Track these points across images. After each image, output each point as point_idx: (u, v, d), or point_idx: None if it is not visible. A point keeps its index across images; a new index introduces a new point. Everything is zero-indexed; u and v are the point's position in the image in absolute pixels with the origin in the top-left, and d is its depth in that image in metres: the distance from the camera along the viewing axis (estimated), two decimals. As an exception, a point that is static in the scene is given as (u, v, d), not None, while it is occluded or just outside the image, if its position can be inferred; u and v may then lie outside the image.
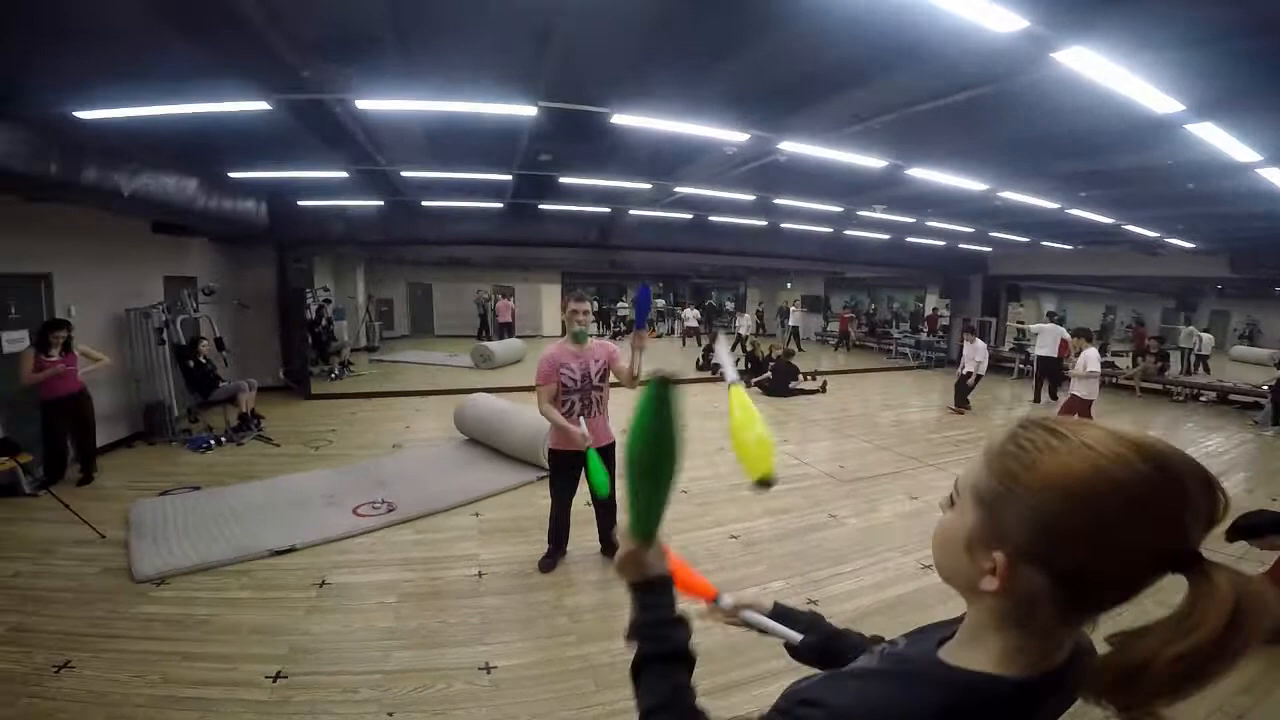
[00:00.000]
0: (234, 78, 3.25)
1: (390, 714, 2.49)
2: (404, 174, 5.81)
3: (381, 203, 7.68)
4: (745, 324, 15.40)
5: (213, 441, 6.79)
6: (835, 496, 5.25)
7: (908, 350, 15.19)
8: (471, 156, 5.33)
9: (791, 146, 4.78)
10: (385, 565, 3.87)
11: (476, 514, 4.71)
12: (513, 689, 2.68)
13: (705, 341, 13.21)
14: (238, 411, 7.18)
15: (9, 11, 2.65)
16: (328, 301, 12.29)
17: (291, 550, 4.04)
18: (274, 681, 2.68)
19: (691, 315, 17.55)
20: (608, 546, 3.84)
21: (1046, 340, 9.56)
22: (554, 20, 2.75)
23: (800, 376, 10.62)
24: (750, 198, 7.44)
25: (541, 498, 4.26)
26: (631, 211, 8.47)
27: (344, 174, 5.76)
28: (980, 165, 5.57)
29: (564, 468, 3.65)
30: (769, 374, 10.38)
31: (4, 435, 5.13)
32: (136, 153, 4.56)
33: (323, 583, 3.62)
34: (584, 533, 3.92)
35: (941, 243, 11.56)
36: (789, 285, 19.89)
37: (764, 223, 9.61)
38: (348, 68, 3.14)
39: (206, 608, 3.30)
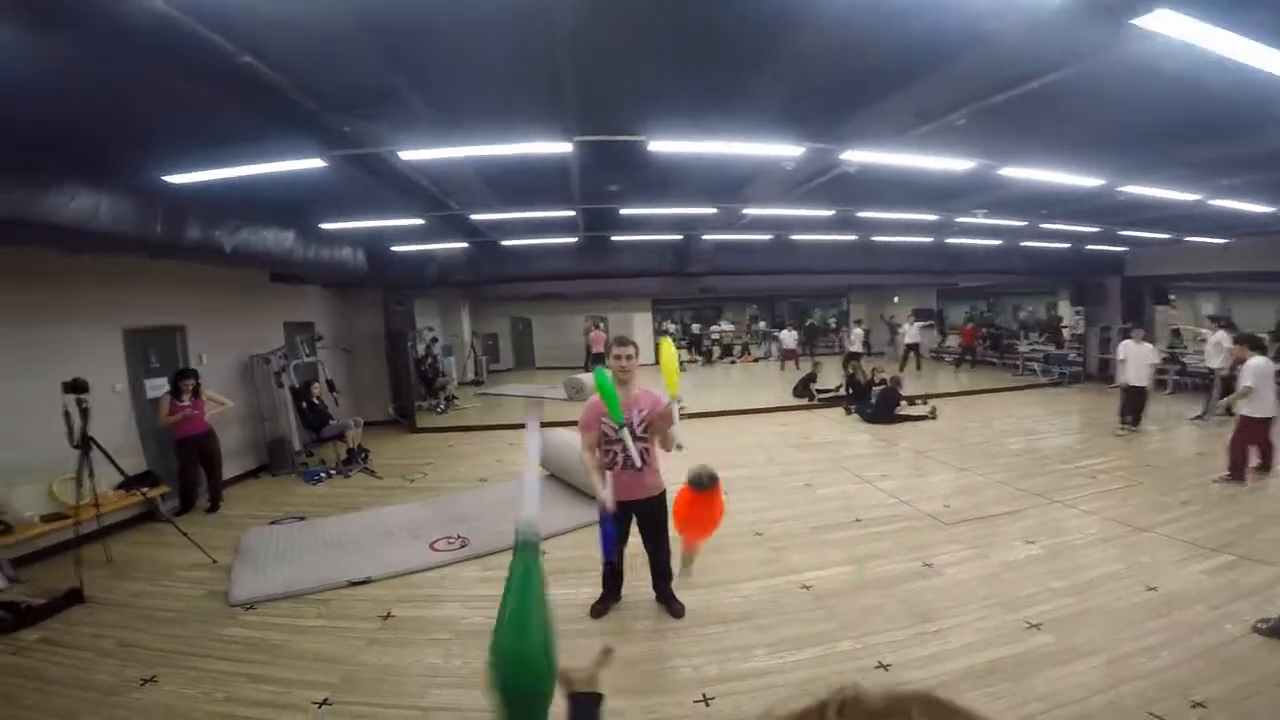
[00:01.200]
0: (288, 139, 3.55)
1: None
2: (473, 217, 6.08)
3: (466, 245, 8.10)
4: (856, 339, 14.31)
5: (324, 474, 7.37)
6: (935, 541, 4.65)
7: (1036, 366, 13.57)
8: (531, 195, 5.48)
9: (856, 156, 4.43)
10: (448, 601, 3.92)
11: (543, 553, 4.65)
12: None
13: (808, 368, 12.56)
14: (346, 447, 7.77)
15: (109, 97, 3.04)
16: (434, 340, 13.12)
17: (368, 582, 4.21)
18: (319, 707, 2.78)
19: (790, 337, 16.89)
20: (661, 594, 3.67)
21: (1218, 348, 7.95)
22: (554, 57, 2.73)
23: (905, 401, 9.77)
24: (828, 213, 7.03)
25: (603, 540, 4.15)
26: (705, 236, 8.31)
27: (420, 220, 6.12)
28: (1088, 159, 4.87)
29: (613, 517, 3.46)
30: (873, 400, 9.64)
31: (147, 469, 5.88)
32: (234, 211, 5.11)
33: (388, 615, 3.72)
34: (643, 577, 3.74)
35: (1064, 245, 10.31)
36: (895, 299, 18.63)
37: (853, 237, 9.06)
38: (379, 123, 3.32)
39: (282, 633, 3.51)
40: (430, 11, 2.51)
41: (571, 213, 6.19)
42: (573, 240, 8.11)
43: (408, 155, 3.83)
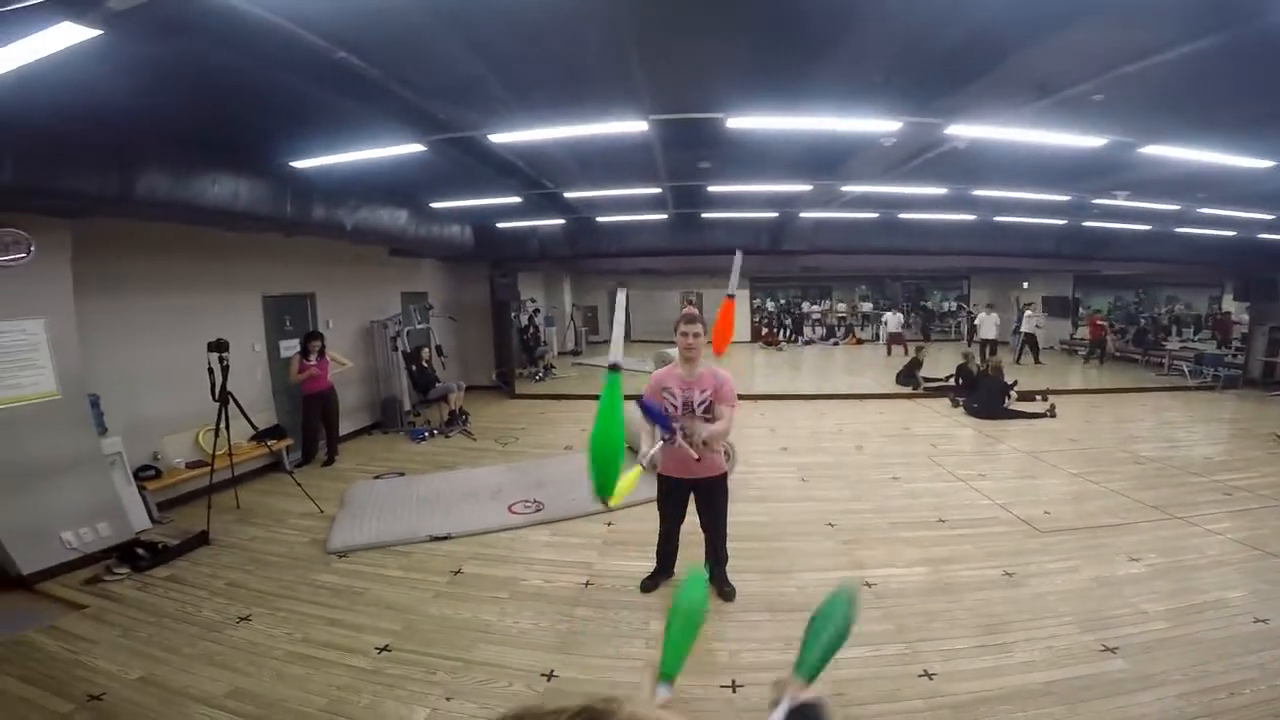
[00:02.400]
0: (391, 126, 3.85)
1: (449, 699, 2.71)
2: (566, 195, 6.26)
3: (563, 221, 8.37)
4: (990, 326, 12.94)
5: (427, 434, 8.04)
6: (1023, 549, 4.29)
7: (1185, 366, 11.89)
8: (618, 173, 5.54)
9: (965, 131, 4.06)
10: (514, 563, 4.17)
11: (609, 523, 4.84)
12: (559, 700, 2.69)
13: (913, 352, 11.82)
14: (448, 409, 8.40)
15: (238, 95, 3.46)
16: (537, 311, 13.73)
17: (447, 538, 4.58)
18: (379, 653, 3.08)
19: (895, 320, 15.94)
20: (713, 575, 3.68)
21: None
22: (620, 29, 2.72)
23: (1013, 395, 8.93)
24: (940, 191, 6.50)
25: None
26: (803, 214, 7.98)
27: (519, 199, 6.40)
28: (1255, 137, 4.14)
29: (671, 493, 3.56)
30: (976, 393, 8.95)
31: (276, 423, 6.71)
32: (353, 192, 5.64)
33: (458, 571, 4.04)
34: (696, 556, 3.78)
35: (1229, 232, 8.84)
36: (1025, 285, 16.90)
37: (971, 217, 8.32)
38: (467, 109, 3.50)
39: (365, 581, 3.91)
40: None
41: (658, 190, 6.20)
42: (663, 217, 8.11)
43: (497, 138, 4.01)
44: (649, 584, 3.75)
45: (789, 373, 13.75)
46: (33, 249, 4.06)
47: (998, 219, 8.44)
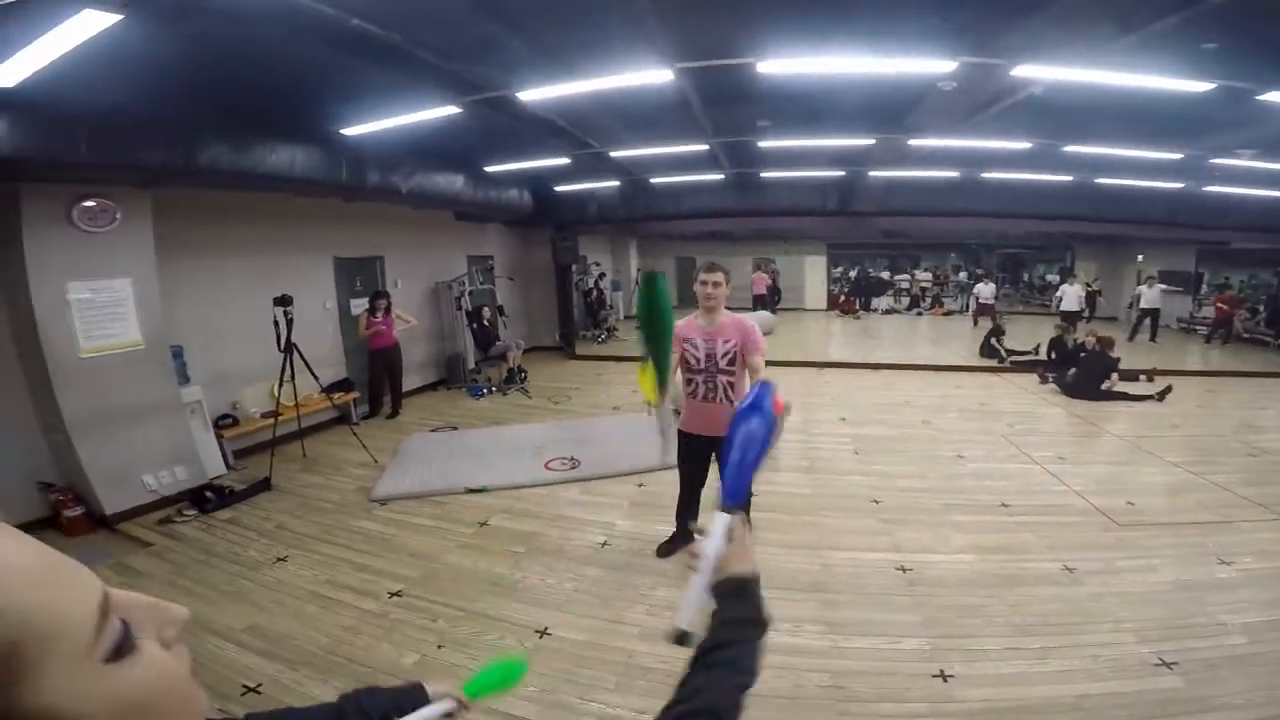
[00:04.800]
0: (423, 89, 3.87)
1: (440, 646, 2.79)
2: (613, 154, 6.13)
3: (619, 183, 8.24)
4: (1072, 297, 11.85)
5: (486, 390, 8.33)
6: (1094, 542, 3.85)
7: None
8: (661, 130, 5.35)
9: (1035, 73, 3.56)
10: (538, 517, 4.24)
11: (640, 484, 4.82)
12: (547, 658, 2.73)
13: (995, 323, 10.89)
14: (507, 367, 8.65)
15: (278, 67, 3.57)
16: (603, 275, 13.78)
17: (483, 490, 4.72)
18: (390, 598, 3.23)
19: (987, 290, 14.74)
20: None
21: None
22: None
23: (1115, 375, 8.01)
24: (1024, 146, 5.83)
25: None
26: (872, 173, 7.41)
27: (567, 160, 6.34)
28: None
29: (691, 450, 3.42)
30: (1074, 368, 8.08)
31: (345, 377, 7.14)
32: (406, 157, 5.78)
33: (484, 523, 4.16)
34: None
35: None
36: (1139, 257, 15.06)
37: (1066, 178, 7.43)
38: (491, 67, 3.44)
39: (396, 529, 4.11)
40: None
41: (706, 147, 5.93)
42: (719, 177, 7.79)
43: (526, 96, 3.95)
44: (666, 549, 3.69)
45: (863, 341, 13.09)
46: (118, 216, 4.45)
47: (1098, 180, 7.48)
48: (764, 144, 5.88)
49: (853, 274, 18.81)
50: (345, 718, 0.89)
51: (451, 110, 4.14)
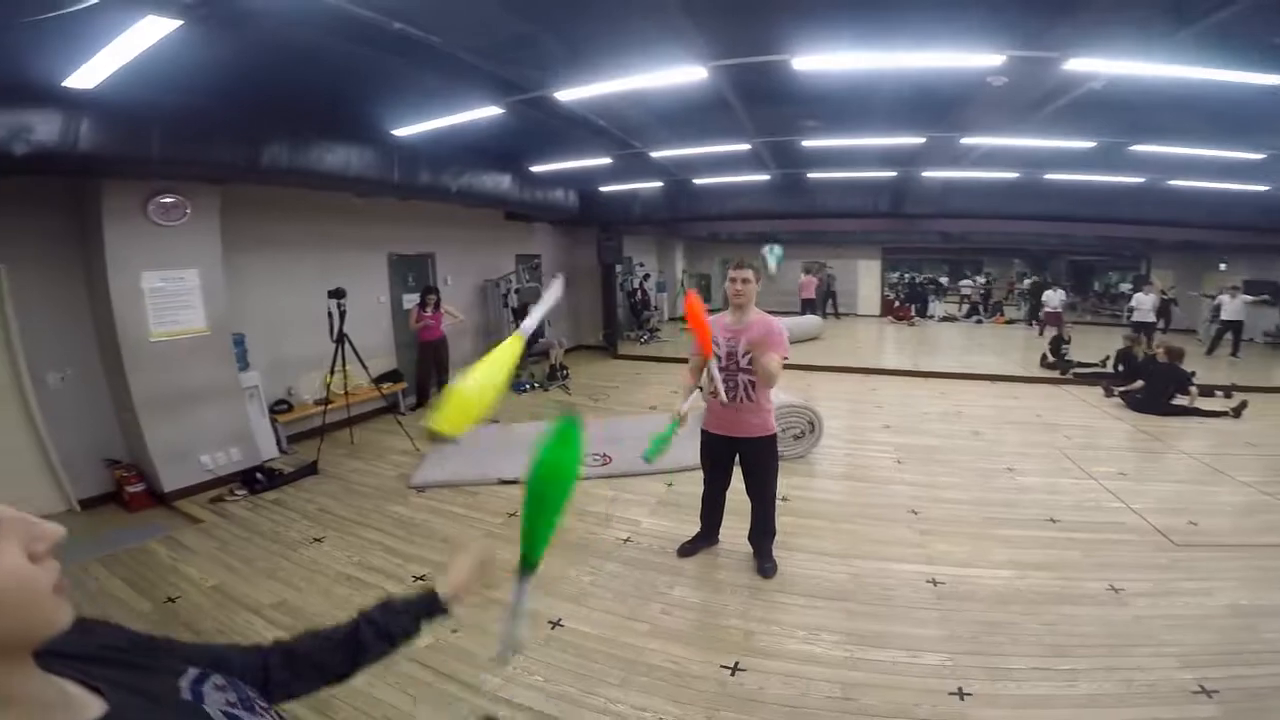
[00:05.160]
0: (466, 90, 4.00)
1: (454, 631, 2.87)
2: (653, 154, 6.15)
3: (662, 184, 8.26)
4: (1147, 307, 10.81)
5: (528, 386, 8.50)
6: (1147, 563, 3.62)
7: None
8: (701, 129, 5.33)
9: (1089, 67, 3.37)
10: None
11: (670, 483, 4.82)
12: (556, 650, 2.77)
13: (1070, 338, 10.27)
14: (549, 364, 8.80)
15: (333, 71, 3.76)
16: (647, 276, 13.83)
17: (515, 482, 4.82)
18: (414, 581, 3.35)
19: (1055, 298, 13.95)
20: (756, 548, 3.52)
21: None
22: None
23: (1193, 390, 7.44)
24: (1088, 145, 5.52)
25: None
26: (926, 174, 7.16)
27: (608, 160, 6.41)
28: None
29: (711, 450, 3.41)
30: (1140, 381, 7.58)
31: (395, 368, 7.43)
32: (455, 157, 5.98)
33: (513, 514, 4.24)
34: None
35: None
36: (1221, 265, 13.93)
37: (1136, 179, 6.99)
38: (529, 67, 3.52)
39: (429, 515, 4.25)
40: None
41: (747, 146, 5.88)
42: (764, 178, 7.70)
43: (563, 96, 4.02)
44: (688, 548, 3.68)
45: (916, 349, 12.65)
46: (189, 211, 4.78)
47: (1171, 182, 7.00)
48: (808, 143, 5.78)
49: (915, 279, 18.19)
50: (360, 633, 0.99)
51: (494, 111, 4.26)
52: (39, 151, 3.29)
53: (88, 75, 2.98)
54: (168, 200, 4.63)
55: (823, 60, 3.38)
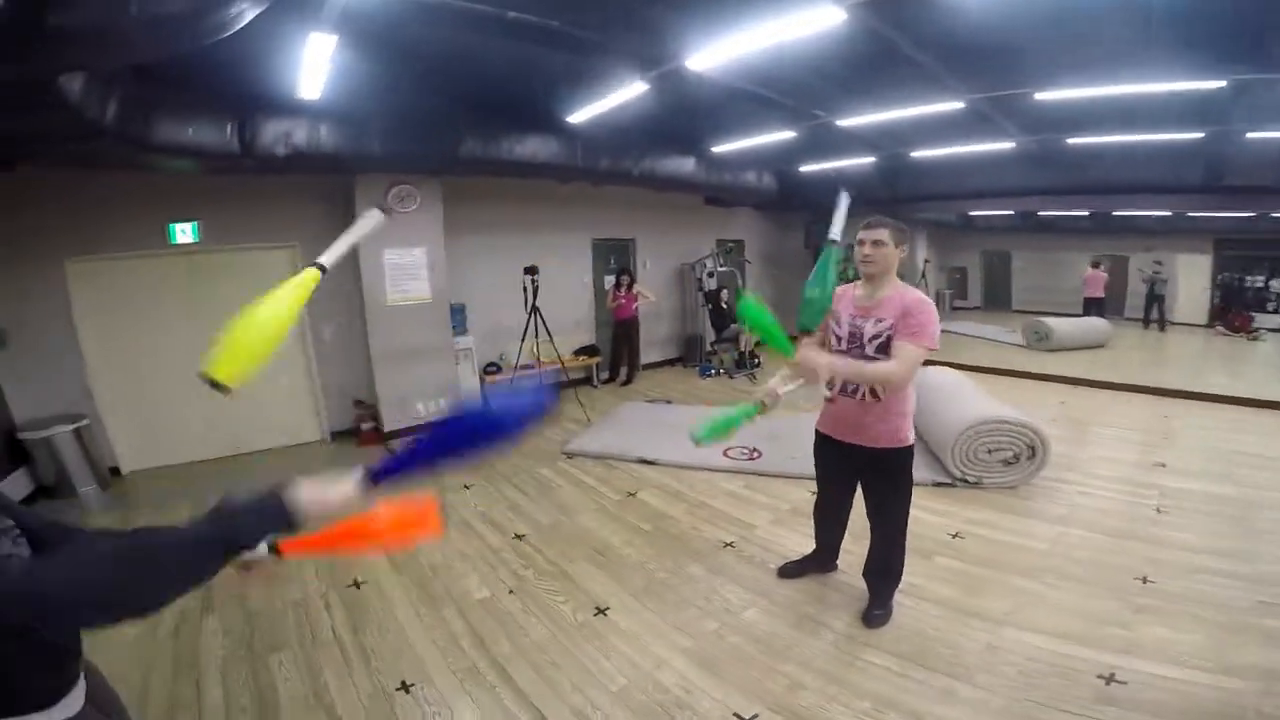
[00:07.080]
0: (611, 71, 4.03)
1: (511, 592, 2.99)
2: (839, 123, 5.42)
3: (873, 159, 7.28)
4: None
5: (714, 371, 8.46)
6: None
7: None
8: (884, 88, 4.53)
9: None
10: (682, 501, 4.16)
11: (813, 491, 4.32)
12: (594, 639, 2.70)
13: None
14: (738, 350, 8.60)
15: (504, 64, 4.14)
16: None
17: (653, 463, 4.85)
18: (513, 539, 3.59)
19: None
20: (870, 587, 2.87)
21: None
22: None
23: None
24: None
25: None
26: (1251, 134, 5.06)
27: (791, 133, 5.88)
28: None
29: (824, 456, 2.83)
30: None
31: (593, 343, 8.01)
32: (635, 141, 6.11)
33: (633, 494, 4.28)
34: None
35: None
36: None
37: None
38: (646, 34, 3.38)
39: (561, 480, 4.51)
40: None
41: (960, 105, 4.79)
42: (1008, 146, 6.24)
43: (696, 64, 3.79)
44: (792, 569, 3.17)
45: (1243, 369, 9.19)
46: (418, 199, 5.77)
47: None
48: (1041, 95, 4.51)
49: (1257, 280, 13.12)
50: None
51: (639, 87, 4.22)
52: (296, 152, 4.27)
53: (308, 86, 3.70)
54: (401, 189, 5.64)
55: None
